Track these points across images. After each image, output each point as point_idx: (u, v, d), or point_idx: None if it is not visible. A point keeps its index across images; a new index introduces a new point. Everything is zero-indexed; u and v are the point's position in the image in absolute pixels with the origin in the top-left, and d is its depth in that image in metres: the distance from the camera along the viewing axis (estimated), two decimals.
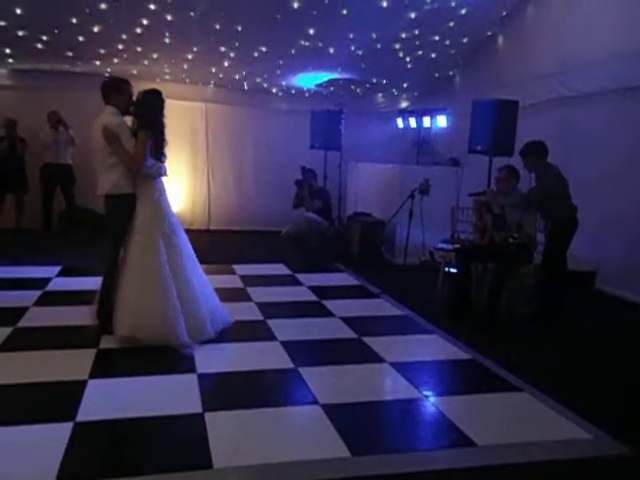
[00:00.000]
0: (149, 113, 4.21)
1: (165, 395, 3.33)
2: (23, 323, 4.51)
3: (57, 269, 6.29)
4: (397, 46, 8.13)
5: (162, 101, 4.28)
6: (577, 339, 4.68)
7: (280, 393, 3.47)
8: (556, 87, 6.80)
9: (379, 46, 8.04)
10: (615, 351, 4.44)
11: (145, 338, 3.96)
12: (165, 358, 3.81)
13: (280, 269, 6.93)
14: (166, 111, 4.29)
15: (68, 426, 2.88)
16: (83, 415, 3.02)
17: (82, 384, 3.40)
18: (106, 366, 3.65)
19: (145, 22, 7.11)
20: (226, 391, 3.48)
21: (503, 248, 5.03)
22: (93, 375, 3.53)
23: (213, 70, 8.96)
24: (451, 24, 7.60)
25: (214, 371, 3.73)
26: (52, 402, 3.21)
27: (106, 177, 4.19)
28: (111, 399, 3.25)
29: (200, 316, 4.14)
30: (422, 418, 3.25)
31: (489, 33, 8.18)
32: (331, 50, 8.13)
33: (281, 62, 8.54)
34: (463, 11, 7.28)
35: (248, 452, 2.72)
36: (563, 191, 5.00)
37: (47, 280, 5.83)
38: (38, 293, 5.34)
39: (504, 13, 7.74)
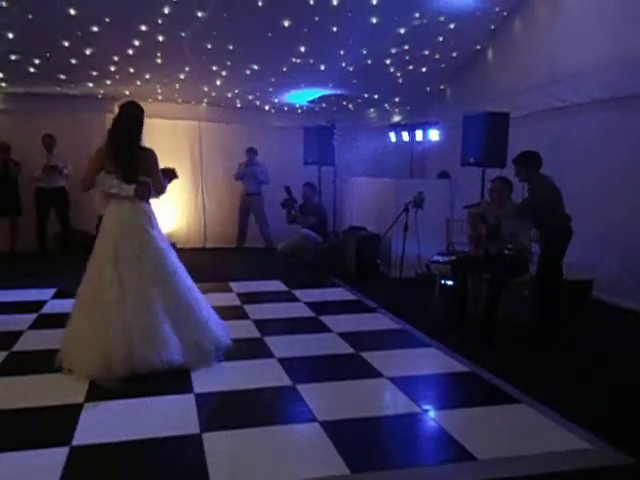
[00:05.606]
0: (110, 128, 4.07)
1: (162, 416, 3.30)
2: (18, 347, 4.48)
3: (52, 291, 6.26)
4: (387, 61, 8.21)
5: (128, 115, 4.03)
6: (575, 349, 4.67)
7: (278, 411, 3.45)
8: (546, 98, 6.86)
9: (370, 62, 8.11)
10: (614, 360, 4.43)
11: (79, 371, 3.77)
12: (162, 379, 3.76)
13: (276, 286, 6.92)
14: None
15: (64, 450, 2.85)
16: (79, 439, 2.99)
17: (78, 407, 3.37)
18: (102, 389, 3.61)
19: (136, 43, 7.18)
20: (224, 411, 3.45)
21: (498, 259, 5.04)
22: (89, 398, 3.50)
23: (205, 89, 9.01)
24: (440, 39, 7.69)
25: (211, 391, 3.69)
26: (48, 426, 3.18)
27: None
28: (108, 422, 3.21)
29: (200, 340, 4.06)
30: (422, 433, 3.23)
31: (478, 47, 8.26)
32: (322, 67, 8.20)
33: (273, 80, 8.60)
34: (452, 25, 7.37)
35: (247, 472, 2.70)
36: (556, 201, 5.02)
37: (42, 303, 5.80)
38: (33, 316, 5.31)
39: (492, 27, 7.82)
